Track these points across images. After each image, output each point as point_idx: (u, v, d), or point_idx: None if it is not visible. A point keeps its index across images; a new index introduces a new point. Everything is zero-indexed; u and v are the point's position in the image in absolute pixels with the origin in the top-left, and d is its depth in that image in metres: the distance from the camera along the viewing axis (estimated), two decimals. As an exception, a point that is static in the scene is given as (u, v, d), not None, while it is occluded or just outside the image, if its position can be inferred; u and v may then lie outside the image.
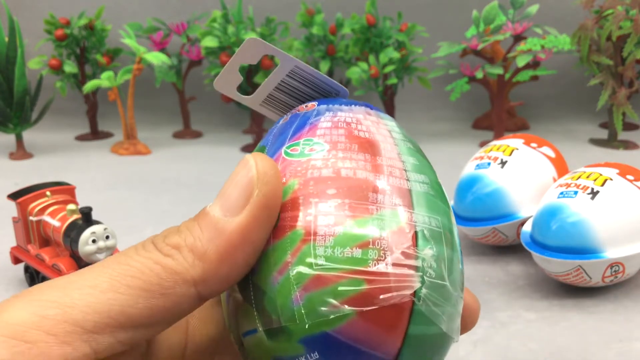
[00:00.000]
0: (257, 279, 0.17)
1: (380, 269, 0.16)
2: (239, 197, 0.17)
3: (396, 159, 0.19)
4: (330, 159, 0.18)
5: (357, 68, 1.18)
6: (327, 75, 1.41)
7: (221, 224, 0.17)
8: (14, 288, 0.65)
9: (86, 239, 0.57)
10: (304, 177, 0.18)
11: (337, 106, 0.21)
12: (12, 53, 1.17)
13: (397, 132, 0.20)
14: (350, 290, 0.16)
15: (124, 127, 1.24)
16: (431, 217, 0.18)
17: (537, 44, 1.12)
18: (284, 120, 0.21)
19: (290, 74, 0.22)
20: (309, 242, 0.17)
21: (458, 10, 1.42)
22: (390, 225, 0.17)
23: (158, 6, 1.51)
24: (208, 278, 0.17)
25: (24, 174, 1.10)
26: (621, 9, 1.04)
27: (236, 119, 1.47)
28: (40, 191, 0.64)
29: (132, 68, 1.18)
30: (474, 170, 0.66)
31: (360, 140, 0.19)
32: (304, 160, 0.18)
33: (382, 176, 0.18)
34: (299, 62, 0.21)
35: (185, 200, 0.92)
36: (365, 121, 0.20)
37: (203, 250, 0.17)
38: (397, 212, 0.17)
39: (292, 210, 0.17)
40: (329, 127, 0.20)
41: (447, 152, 1.13)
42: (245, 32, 1.18)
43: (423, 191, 0.18)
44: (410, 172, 0.19)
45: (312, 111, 0.21)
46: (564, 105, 1.45)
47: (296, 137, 0.19)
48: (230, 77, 0.22)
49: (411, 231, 0.17)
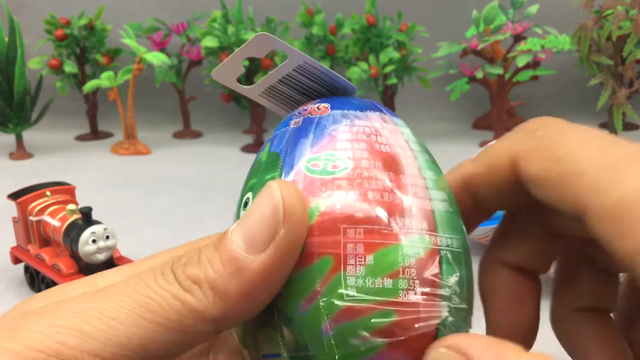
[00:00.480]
0: (282, 304, 0.17)
1: (410, 299, 0.16)
2: (263, 232, 0.16)
3: (418, 176, 0.18)
4: (356, 179, 0.18)
5: (357, 68, 1.18)
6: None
7: (244, 261, 0.16)
8: (13, 288, 0.65)
9: (86, 239, 0.57)
10: (330, 199, 0.17)
11: (352, 112, 0.20)
12: (12, 53, 1.17)
13: (413, 140, 0.20)
14: (381, 322, 0.16)
15: (124, 127, 1.24)
16: (452, 238, 0.18)
17: (537, 44, 1.12)
18: (295, 123, 0.20)
19: (297, 68, 0.21)
20: (339, 272, 0.16)
21: (458, 10, 1.42)
22: (417, 252, 0.17)
23: (158, 6, 1.50)
24: (228, 315, 0.16)
25: (24, 174, 1.10)
26: (621, 9, 1.04)
27: (236, 119, 1.47)
28: (40, 191, 0.64)
29: (132, 68, 1.18)
30: (474, 170, 0.67)
31: (382, 155, 0.18)
32: (328, 179, 0.18)
33: (407, 198, 0.18)
34: (307, 58, 0.21)
35: (185, 200, 0.92)
36: (383, 131, 0.19)
37: (224, 288, 0.16)
38: (424, 237, 0.17)
39: (320, 235, 0.17)
40: (349, 139, 0.19)
41: (447, 152, 1.13)
42: (245, 32, 1.18)
43: (444, 210, 0.18)
44: (431, 189, 0.18)
45: (327, 117, 0.20)
46: (564, 105, 1.45)
47: (316, 150, 0.19)
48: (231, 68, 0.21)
49: (437, 256, 0.17)
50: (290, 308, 0.17)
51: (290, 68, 0.21)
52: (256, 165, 0.20)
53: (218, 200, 0.91)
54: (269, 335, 0.18)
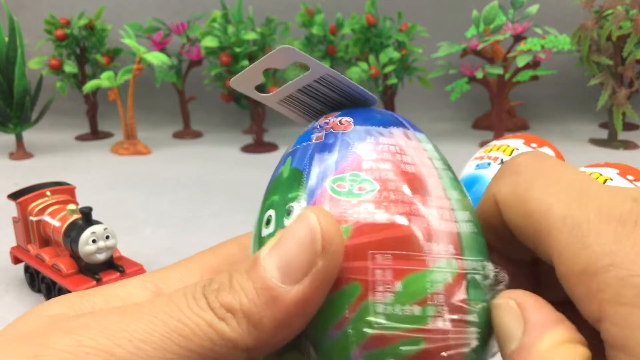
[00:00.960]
0: (310, 329, 0.17)
1: (438, 326, 0.16)
2: (300, 263, 0.16)
3: (443, 197, 0.18)
4: (383, 202, 0.17)
5: (357, 68, 1.18)
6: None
7: (279, 291, 0.16)
8: (13, 288, 0.65)
9: (86, 239, 0.57)
10: (357, 223, 0.17)
11: (376, 128, 0.20)
12: (12, 53, 1.17)
13: (437, 157, 0.20)
14: (410, 350, 0.16)
15: (124, 127, 1.24)
16: (478, 261, 0.18)
17: (537, 44, 1.12)
18: (317, 138, 0.20)
19: (319, 80, 0.21)
20: (368, 299, 0.16)
21: (458, 10, 1.42)
22: (445, 278, 0.17)
23: (158, 6, 1.50)
24: (261, 345, 0.16)
25: (24, 174, 1.10)
26: (621, 9, 1.04)
27: (236, 119, 1.47)
28: (40, 191, 0.64)
29: (132, 68, 1.18)
30: (474, 170, 0.66)
31: (408, 176, 0.18)
32: (355, 202, 0.17)
33: (434, 221, 0.17)
34: (330, 70, 0.21)
35: (185, 200, 0.92)
36: (407, 149, 0.19)
37: (259, 317, 0.16)
38: (451, 262, 0.17)
39: (348, 260, 0.17)
40: (374, 159, 0.18)
41: (447, 152, 1.12)
42: (245, 32, 1.18)
43: (469, 231, 0.18)
44: (457, 210, 0.18)
45: (350, 132, 0.19)
46: (564, 105, 1.45)
47: (340, 170, 0.18)
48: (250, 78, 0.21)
49: (463, 282, 0.17)
50: (318, 333, 0.17)
51: (312, 79, 0.21)
52: (277, 181, 0.20)
53: (218, 200, 0.91)
54: (295, 358, 0.18)
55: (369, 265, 0.16)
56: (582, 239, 0.15)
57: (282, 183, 0.19)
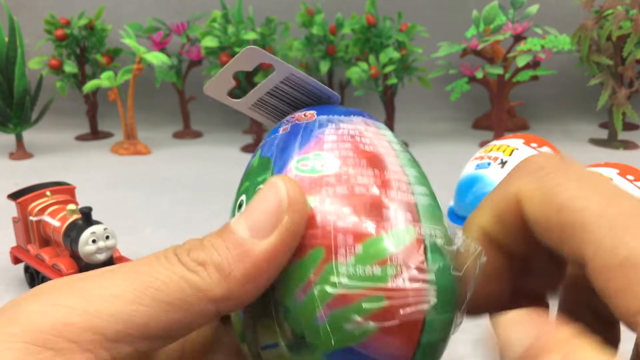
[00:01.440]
0: (278, 295, 0.18)
1: (399, 285, 0.17)
2: (268, 220, 0.17)
3: (400, 172, 0.19)
4: (343, 176, 0.19)
5: (357, 68, 1.18)
6: (326, 76, 1.40)
7: (249, 245, 0.17)
8: (13, 288, 0.65)
9: (86, 239, 0.57)
10: (319, 195, 0.18)
11: (337, 117, 0.21)
12: (12, 53, 1.17)
13: (396, 142, 0.21)
14: (372, 306, 0.17)
15: (124, 127, 1.24)
16: (435, 229, 0.19)
17: (537, 44, 1.12)
18: (283, 129, 0.21)
19: (284, 80, 0.22)
20: (331, 261, 0.17)
21: (458, 10, 1.42)
22: (403, 241, 0.18)
23: (158, 6, 1.51)
24: (231, 297, 0.17)
25: (24, 174, 1.10)
26: (621, 9, 1.04)
27: (236, 119, 1.47)
28: (40, 191, 0.64)
29: (132, 68, 1.18)
30: (474, 170, 0.66)
31: (366, 154, 0.20)
32: (317, 177, 0.19)
33: (391, 191, 0.19)
34: (294, 70, 0.22)
35: (185, 200, 0.92)
36: (367, 133, 0.21)
37: (229, 270, 0.17)
38: (409, 228, 0.18)
39: (312, 228, 0.18)
40: (335, 140, 0.20)
41: (447, 152, 1.13)
42: (245, 32, 1.18)
43: (427, 203, 0.19)
44: (413, 185, 0.19)
45: (313, 122, 0.21)
46: (564, 105, 1.45)
47: (304, 151, 0.20)
48: (222, 83, 0.22)
49: (421, 245, 0.18)
50: (286, 299, 0.18)
51: (278, 80, 0.22)
52: (249, 170, 0.21)
53: (218, 200, 0.91)
54: (266, 326, 0.18)
55: (331, 231, 0.18)
56: (621, 233, 0.15)
57: (253, 171, 0.21)
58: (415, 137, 1.27)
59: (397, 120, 1.29)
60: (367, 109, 0.24)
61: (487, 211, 0.19)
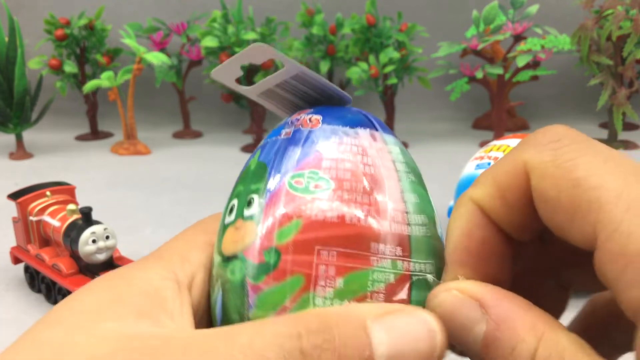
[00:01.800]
0: (253, 316, 0.18)
1: None
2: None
3: (399, 200, 0.18)
4: (335, 201, 0.18)
5: (357, 68, 1.18)
6: (326, 76, 1.39)
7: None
8: (14, 288, 0.65)
9: (86, 239, 0.57)
10: (307, 219, 0.18)
11: (342, 128, 0.20)
12: (12, 53, 1.17)
13: (401, 160, 0.20)
14: None
15: (124, 127, 1.24)
16: (426, 263, 0.18)
17: (537, 44, 1.12)
18: (285, 134, 0.20)
19: (295, 78, 0.22)
20: (309, 291, 0.17)
21: (458, 10, 1.42)
22: (388, 278, 0.17)
23: (158, 6, 1.51)
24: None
25: (24, 174, 1.10)
26: (621, 9, 1.04)
27: (236, 119, 1.47)
28: (40, 191, 0.64)
29: (132, 68, 1.18)
30: (474, 170, 0.66)
31: (365, 177, 0.19)
32: (309, 198, 0.18)
33: (384, 223, 0.18)
34: (303, 69, 0.21)
35: (185, 200, 0.92)
36: (370, 150, 0.19)
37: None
38: (397, 264, 0.17)
39: (295, 253, 0.17)
40: (334, 158, 0.19)
41: (447, 152, 1.13)
42: (245, 32, 1.18)
43: (422, 235, 0.18)
44: (411, 214, 0.18)
45: (316, 130, 0.20)
46: (564, 105, 1.45)
47: (300, 167, 0.19)
48: (230, 70, 0.22)
49: (407, 282, 0.17)
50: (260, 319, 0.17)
51: (288, 76, 0.22)
52: (245, 173, 0.20)
53: (218, 200, 0.91)
54: None
55: (313, 260, 0.17)
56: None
57: (249, 175, 0.20)
58: (415, 137, 1.27)
59: (397, 120, 1.29)
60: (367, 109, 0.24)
61: (486, 185, 0.17)
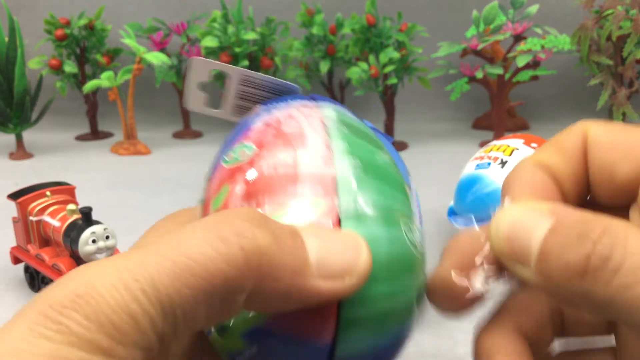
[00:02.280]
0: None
1: None
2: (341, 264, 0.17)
3: (323, 148, 0.19)
4: (256, 160, 0.19)
5: (357, 68, 1.18)
6: (326, 76, 1.39)
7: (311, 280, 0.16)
8: (14, 288, 0.65)
9: (86, 239, 0.57)
10: (232, 183, 0.19)
11: (276, 104, 0.22)
12: (12, 53, 1.17)
13: (333, 118, 0.20)
14: None
15: (124, 127, 1.24)
16: (357, 200, 0.18)
17: (537, 44, 1.12)
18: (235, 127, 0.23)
19: (242, 82, 0.23)
20: None
21: (458, 10, 1.42)
22: (308, 216, 0.17)
23: (158, 6, 1.50)
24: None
25: (24, 174, 1.10)
26: (621, 9, 1.04)
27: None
28: (40, 191, 0.64)
29: (132, 68, 1.18)
30: (474, 170, 0.66)
31: (286, 135, 0.20)
32: (235, 166, 0.20)
33: (304, 167, 0.18)
34: (245, 71, 0.23)
35: (185, 200, 0.92)
36: (296, 114, 0.21)
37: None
38: (317, 201, 0.18)
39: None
40: (260, 128, 0.21)
41: (447, 152, 1.13)
42: (245, 32, 1.18)
43: (351, 174, 0.18)
44: (338, 158, 0.19)
45: (254, 115, 0.22)
46: (564, 105, 1.45)
47: (232, 144, 0.21)
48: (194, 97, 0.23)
49: (333, 218, 0.17)
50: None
51: (236, 83, 0.23)
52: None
53: (218, 200, 0.91)
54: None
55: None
56: None
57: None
58: (415, 137, 1.27)
59: (397, 120, 1.29)
60: (367, 108, 0.24)
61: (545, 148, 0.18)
